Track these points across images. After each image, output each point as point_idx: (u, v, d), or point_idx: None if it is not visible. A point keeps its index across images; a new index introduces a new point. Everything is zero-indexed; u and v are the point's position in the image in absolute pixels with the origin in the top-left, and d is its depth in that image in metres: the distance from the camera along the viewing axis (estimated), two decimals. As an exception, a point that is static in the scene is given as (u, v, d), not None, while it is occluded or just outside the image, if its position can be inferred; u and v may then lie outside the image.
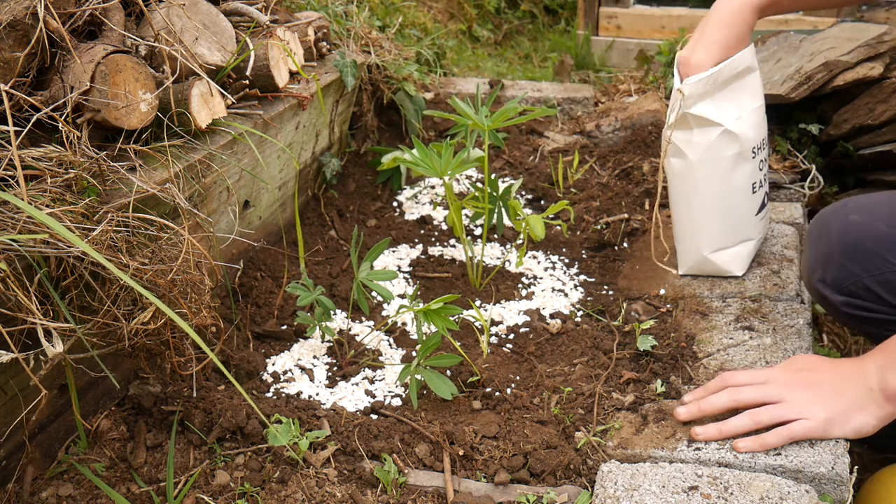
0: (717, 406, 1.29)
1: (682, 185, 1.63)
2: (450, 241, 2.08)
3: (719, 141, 1.55)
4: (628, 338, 1.61)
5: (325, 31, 2.15)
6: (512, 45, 3.93)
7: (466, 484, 1.28)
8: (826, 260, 1.42)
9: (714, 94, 1.53)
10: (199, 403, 1.38)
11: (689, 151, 1.57)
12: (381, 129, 2.46)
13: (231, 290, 1.70)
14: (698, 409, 1.30)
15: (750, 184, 1.61)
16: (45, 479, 1.25)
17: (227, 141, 1.54)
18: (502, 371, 1.55)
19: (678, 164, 1.61)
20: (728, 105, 1.55)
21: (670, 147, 1.59)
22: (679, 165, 1.61)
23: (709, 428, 1.28)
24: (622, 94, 2.90)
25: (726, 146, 1.55)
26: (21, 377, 1.14)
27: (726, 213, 1.63)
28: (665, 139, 1.59)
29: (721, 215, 1.63)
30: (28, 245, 1.06)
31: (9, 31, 1.24)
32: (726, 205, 1.62)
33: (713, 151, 1.56)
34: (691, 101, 1.53)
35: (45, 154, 1.19)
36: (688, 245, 1.71)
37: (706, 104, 1.54)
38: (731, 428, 1.26)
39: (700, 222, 1.65)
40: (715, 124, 1.53)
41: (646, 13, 3.44)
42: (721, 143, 1.55)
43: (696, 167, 1.58)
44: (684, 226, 1.69)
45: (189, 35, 1.60)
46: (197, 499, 1.24)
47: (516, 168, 2.42)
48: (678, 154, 1.60)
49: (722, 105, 1.54)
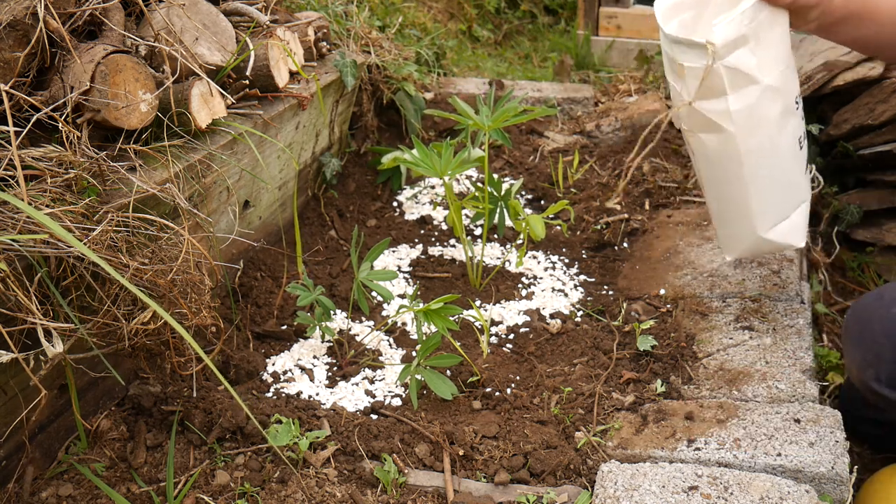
0: None
1: (721, 163, 1.40)
2: (450, 241, 2.08)
3: (762, 101, 1.30)
4: (628, 338, 1.61)
5: (325, 31, 2.15)
6: (512, 45, 3.93)
7: (466, 484, 1.28)
8: (877, 359, 1.29)
9: (751, 40, 1.26)
10: (199, 403, 1.38)
11: (725, 122, 1.32)
12: (381, 129, 2.46)
13: (231, 290, 1.70)
14: None
15: (797, 139, 1.40)
16: (45, 479, 1.25)
17: (227, 141, 1.54)
18: (502, 371, 1.55)
19: (713, 140, 1.37)
20: (766, 52, 1.28)
21: (696, 121, 1.35)
22: (714, 142, 1.37)
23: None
24: (622, 94, 2.90)
25: (770, 104, 1.31)
26: (21, 377, 1.14)
27: (779, 181, 1.41)
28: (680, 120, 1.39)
29: (775, 186, 1.41)
30: (28, 245, 1.06)
31: (9, 31, 1.24)
32: (779, 171, 1.39)
33: (757, 115, 1.31)
34: (725, 51, 1.25)
35: (45, 154, 1.19)
36: (736, 228, 1.49)
37: (744, 54, 1.26)
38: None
39: (751, 199, 1.41)
40: (753, 81, 1.28)
41: (646, 13, 3.44)
42: (765, 102, 1.31)
43: (738, 139, 1.33)
44: (729, 208, 1.47)
45: (189, 35, 1.60)
46: (197, 499, 1.24)
47: (516, 168, 2.42)
48: (710, 128, 1.35)
49: (762, 53, 1.27)
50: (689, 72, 1.31)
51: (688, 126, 1.40)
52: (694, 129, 1.38)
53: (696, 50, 1.28)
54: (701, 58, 1.28)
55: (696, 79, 1.30)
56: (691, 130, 1.39)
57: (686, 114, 1.37)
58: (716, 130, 1.35)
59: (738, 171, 1.38)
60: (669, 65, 1.39)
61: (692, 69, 1.30)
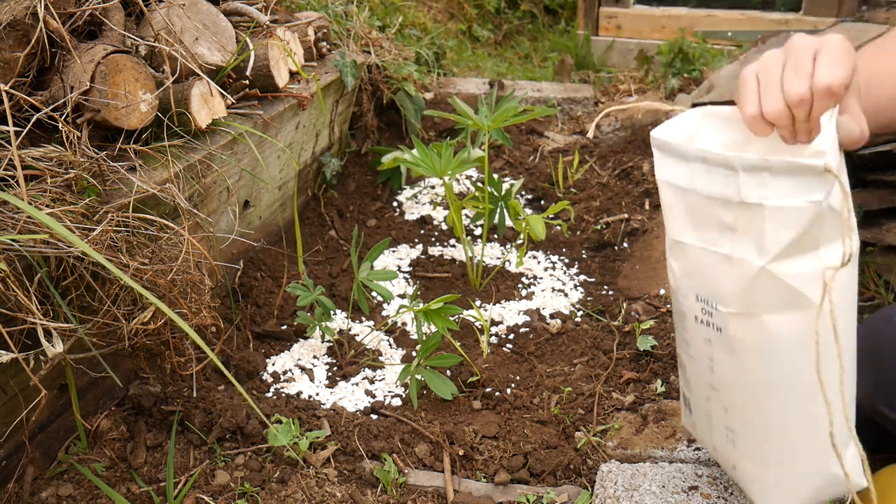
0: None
1: (793, 360, 0.91)
2: (450, 241, 2.08)
3: (856, 255, 0.88)
4: (628, 338, 1.61)
5: (325, 31, 2.15)
6: (512, 45, 3.93)
7: (466, 484, 1.28)
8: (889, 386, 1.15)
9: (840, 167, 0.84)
10: (199, 403, 1.38)
11: (813, 292, 0.86)
12: (381, 129, 2.46)
13: (231, 290, 1.70)
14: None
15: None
16: (45, 479, 1.25)
17: (227, 141, 1.54)
18: (502, 371, 1.55)
19: (786, 324, 0.89)
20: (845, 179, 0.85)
21: (762, 296, 0.89)
22: (791, 326, 0.89)
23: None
24: (622, 94, 2.90)
25: (855, 259, 0.89)
26: (21, 377, 1.14)
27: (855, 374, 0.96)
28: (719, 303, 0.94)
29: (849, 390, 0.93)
30: (28, 245, 1.06)
31: (9, 31, 1.24)
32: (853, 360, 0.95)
33: (851, 279, 0.90)
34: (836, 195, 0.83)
35: (45, 154, 1.19)
36: (799, 464, 0.98)
37: (837, 186, 0.83)
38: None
39: (835, 412, 0.88)
40: (849, 226, 0.81)
41: (646, 13, 3.44)
42: (855, 256, 0.88)
43: (832, 314, 0.81)
44: (792, 433, 0.96)
45: (189, 35, 1.60)
46: (197, 499, 1.24)
47: (516, 168, 2.42)
48: (785, 305, 0.88)
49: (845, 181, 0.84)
50: (777, 216, 0.84)
51: (739, 307, 0.91)
52: (752, 311, 0.90)
53: (799, 179, 0.82)
54: (805, 191, 0.82)
55: (789, 227, 0.84)
56: (747, 313, 0.91)
57: (744, 285, 0.90)
58: (795, 307, 0.87)
59: (827, 364, 0.83)
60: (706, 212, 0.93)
61: (785, 212, 0.83)
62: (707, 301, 0.96)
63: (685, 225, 0.97)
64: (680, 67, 2.87)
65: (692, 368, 1.05)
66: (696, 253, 0.96)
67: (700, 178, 0.92)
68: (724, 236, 0.91)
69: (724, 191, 0.89)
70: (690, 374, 1.06)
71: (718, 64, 2.80)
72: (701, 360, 1.01)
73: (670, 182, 0.97)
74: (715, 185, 0.90)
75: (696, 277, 0.97)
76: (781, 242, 0.85)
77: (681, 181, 0.95)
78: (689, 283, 0.99)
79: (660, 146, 0.98)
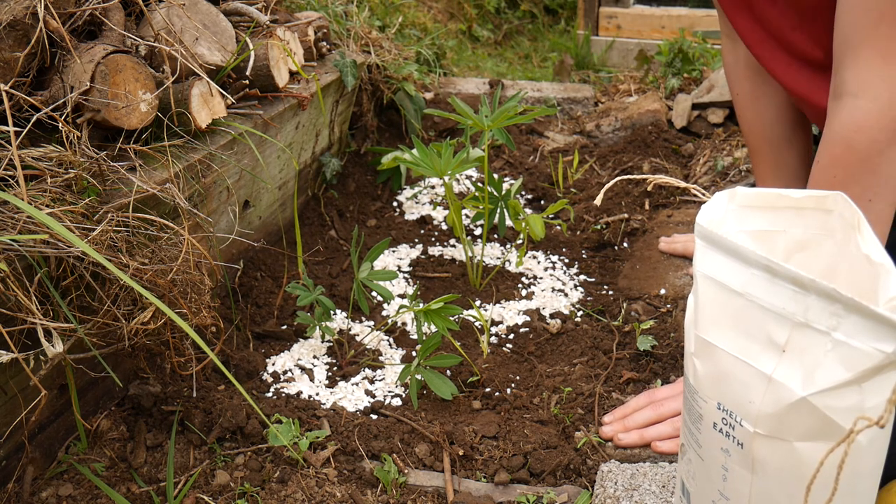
0: (640, 422, 1.32)
1: (821, 484, 0.80)
2: (450, 241, 2.08)
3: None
4: (628, 338, 1.61)
5: (325, 31, 2.15)
6: (512, 45, 3.93)
7: (466, 484, 1.28)
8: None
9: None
10: (199, 403, 1.38)
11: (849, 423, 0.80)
12: (381, 129, 2.46)
13: (231, 290, 1.70)
14: (622, 426, 1.33)
15: None
16: (45, 479, 1.25)
17: (227, 141, 1.54)
18: (502, 371, 1.55)
19: (823, 451, 0.77)
20: None
21: (797, 422, 0.82)
22: (823, 454, 0.77)
23: (631, 434, 1.31)
24: (622, 94, 2.90)
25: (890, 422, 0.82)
26: (21, 377, 1.14)
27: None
28: (749, 423, 0.85)
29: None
30: (28, 245, 1.06)
31: (9, 31, 1.24)
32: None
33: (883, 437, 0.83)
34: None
35: (45, 154, 1.19)
36: None
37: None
38: (653, 434, 1.30)
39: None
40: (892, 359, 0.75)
41: (646, 13, 3.44)
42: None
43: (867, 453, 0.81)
44: None
45: (189, 35, 1.60)
46: (197, 499, 1.24)
47: (516, 168, 2.42)
48: (820, 433, 0.81)
49: None
50: (841, 352, 0.78)
51: (769, 430, 0.84)
52: (783, 436, 0.83)
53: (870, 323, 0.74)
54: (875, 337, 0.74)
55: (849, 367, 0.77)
56: (777, 437, 0.84)
57: (778, 410, 0.82)
58: (830, 436, 0.80)
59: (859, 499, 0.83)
60: (755, 322, 0.84)
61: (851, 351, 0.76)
62: (730, 413, 0.88)
63: (722, 328, 0.87)
64: (680, 67, 2.87)
65: (701, 468, 0.97)
66: (728, 361, 0.87)
67: (759, 286, 0.82)
68: (767, 353, 0.83)
69: (789, 307, 0.80)
70: (697, 472, 0.98)
71: (718, 64, 2.80)
72: (713, 465, 0.93)
73: (715, 279, 0.87)
74: (777, 298, 0.81)
75: (721, 385, 0.88)
76: (836, 380, 0.77)
77: (732, 283, 0.85)
78: (712, 388, 0.90)
79: (706, 237, 0.87)
